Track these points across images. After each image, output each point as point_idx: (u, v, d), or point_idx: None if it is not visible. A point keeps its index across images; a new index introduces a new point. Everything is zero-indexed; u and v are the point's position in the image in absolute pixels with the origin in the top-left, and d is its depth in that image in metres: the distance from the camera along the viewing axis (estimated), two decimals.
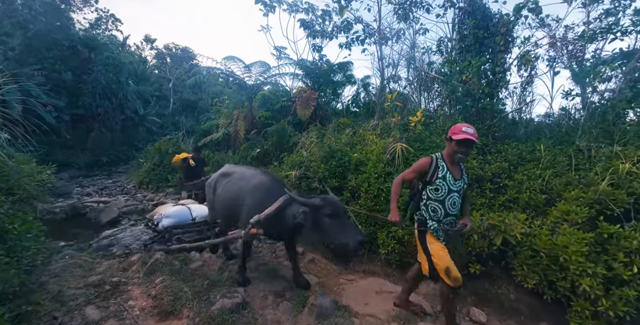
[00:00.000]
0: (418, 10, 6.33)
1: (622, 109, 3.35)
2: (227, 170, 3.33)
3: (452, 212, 2.21)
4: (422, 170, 2.22)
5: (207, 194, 3.46)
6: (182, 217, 4.09)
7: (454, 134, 2.10)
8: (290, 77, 9.95)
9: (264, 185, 2.84)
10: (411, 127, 3.83)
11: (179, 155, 6.13)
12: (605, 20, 4.41)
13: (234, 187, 3.01)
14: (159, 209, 4.35)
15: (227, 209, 3.05)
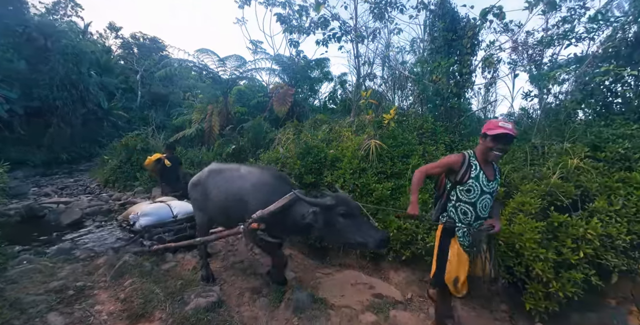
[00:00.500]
0: (393, 10, 6.49)
1: (573, 109, 3.70)
2: (217, 168, 3.05)
3: (483, 215, 2.05)
4: (449, 167, 2.04)
5: (194, 194, 3.12)
6: (161, 215, 3.84)
7: (489, 130, 1.92)
8: (266, 72, 9.82)
9: (266, 182, 2.62)
10: (385, 124, 3.96)
11: (151, 156, 5.55)
12: (562, 27, 4.73)
13: (232, 187, 2.73)
14: (133, 208, 4.07)
15: (225, 211, 2.76)
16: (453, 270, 2.03)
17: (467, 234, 2.06)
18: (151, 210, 3.84)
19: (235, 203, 2.64)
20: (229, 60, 8.52)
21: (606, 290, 2.47)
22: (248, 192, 2.58)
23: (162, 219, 3.82)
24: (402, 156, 3.82)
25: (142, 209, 3.84)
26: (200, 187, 3.00)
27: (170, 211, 3.93)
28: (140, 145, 8.35)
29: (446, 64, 3.98)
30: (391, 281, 3.18)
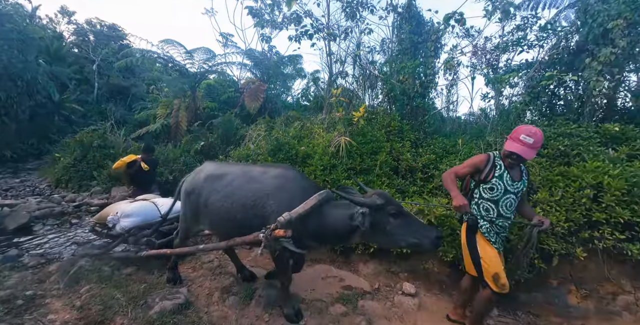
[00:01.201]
0: (364, 10, 6.62)
1: (522, 110, 4.07)
2: (216, 173, 2.58)
3: (506, 214, 2.08)
4: (476, 167, 2.10)
5: (185, 202, 2.69)
6: (147, 215, 3.33)
7: (510, 139, 1.99)
8: (237, 67, 9.55)
9: (289, 182, 2.27)
10: (355, 121, 4.07)
11: (124, 158, 4.72)
12: (516, 35, 5.13)
13: (242, 192, 2.32)
14: (111, 208, 3.59)
15: (231, 220, 2.34)
16: (491, 267, 2.02)
17: (490, 230, 2.10)
18: (134, 209, 3.32)
19: (247, 210, 2.25)
20: (197, 52, 8.16)
21: (548, 272, 2.77)
22: (267, 196, 2.21)
23: (148, 220, 3.31)
24: (371, 153, 3.96)
25: (123, 209, 3.32)
26: (194, 195, 2.57)
27: (157, 210, 3.46)
28: (97, 141, 7.74)
29: (412, 65, 4.17)
30: (360, 273, 3.30)
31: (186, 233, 2.84)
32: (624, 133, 3.36)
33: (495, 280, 2.00)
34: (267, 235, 1.95)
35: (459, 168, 2.17)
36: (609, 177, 2.70)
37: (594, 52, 3.64)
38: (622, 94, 4.24)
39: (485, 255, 2.06)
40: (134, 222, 3.24)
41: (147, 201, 3.61)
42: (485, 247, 2.09)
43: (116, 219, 3.27)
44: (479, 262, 2.08)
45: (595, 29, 3.66)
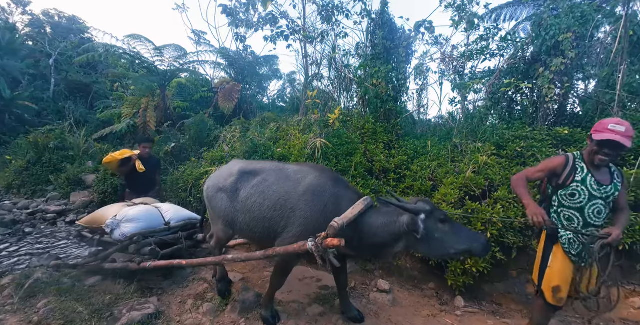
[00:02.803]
0: (340, 14, 6.75)
1: (484, 114, 4.38)
2: (250, 168, 2.41)
3: (595, 223, 1.82)
4: (552, 171, 1.88)
5: (216, 202, 2.46)
6: (151, 222, 3.03)
7: (595, 132, 1.74)
8: (211, 66, 9.28)
9: (323, 185, 2.10)
10: (330, 124, 4.13)
11: (116, 153, 3.92)
12: (480, 44, 5.50)
13: (276, 190, 2.15)
14: (105, 211, 3.22)
15: (265, 223, 2.16)
16: (554, 278, 1.86)
17: (574, 242, 1.85)
18: (138, 214, 3.01)
19: (277, 210, 2.10)
20: (167, 49, 7.80)
21: (509, 264, 2.97)
22: (299, 197, 2.05)
23: (152, 227, 3.02)
24: (346, 154, 4.03)
25: (125, 213, 2.98)
26: (227, 193, 2.36)
27: (161, 217, 3.13)
28: (53, 143, 7.14)
29: (385, 70, 4.32)
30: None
31: (220, 240, 2.58)
32: (573, 136, 3.73)
33: (554, 291, 1.85)
34: (317, 244, 1.73)
35: (531, 172, 1.96)
36: None
37: (547, 62, 4.01)
38: (571, 101, 4.71)
39: (554, 266, 1.88)
40: (137, 229, 2.91)
41: (149, 206, 3.28)
42: (558, 257, 1.89)
43: (115, 223, 2.93)
44: (544, 270, 1.91)
45: (548, 41, 4.03)
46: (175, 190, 4.54)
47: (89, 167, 6.83)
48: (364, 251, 2.09)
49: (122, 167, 3.90)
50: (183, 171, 4.70)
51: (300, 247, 1.84)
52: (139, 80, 7.55)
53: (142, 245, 2.87)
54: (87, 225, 3.23)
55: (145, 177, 3.99)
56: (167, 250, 2.93)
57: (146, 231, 2.95)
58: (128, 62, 8.86)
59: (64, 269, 3.01)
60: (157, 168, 4.28)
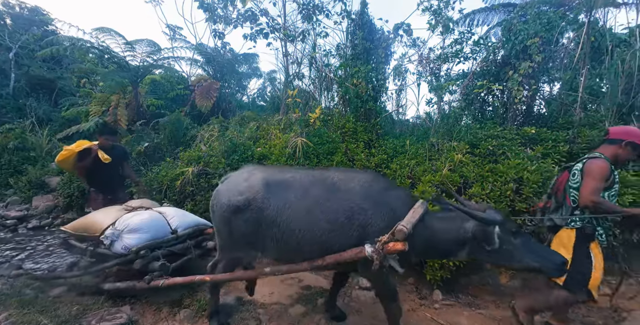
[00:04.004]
0: (320, 14, 6.74)
1: (459, 114, 4.55)
2: (274, 177, 2.05)
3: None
4: (606, 177, 1.97)
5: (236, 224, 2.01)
6: (157, 231, 2.66)
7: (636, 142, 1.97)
8: (187, 63, 8.97)
9: (382, 191, 1.93)
10: (311, 123, 4.12)
11: (71, 146, 3.34)
12: (454, 47, 5.71)
13: (330, 204, 1.87)
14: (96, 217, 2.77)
15: (316, 242, 1.88)
16: (599, 276, 1.96)
17: (604, 234, 2.04)
18: (142, 223, 2.61)
19: (338, 228, 1.83)
20: (139, 44, 7.44)
21: None
22: (364, 209, 1.84)
23: (159, 237, 2.64)
24: (327, 153, 4.04)
25: (126, 222, 2.58)
26: (250, 213, 1.95)
27: (167, 224, 2.77)
28: (13, 142, 6.60)
29: (365, 70, 4.38)
30: (319, 272, 3.34)
31: (233, 264, 2.21)
32: (539, 135, 3.96)
33: (596, 290, 1.97)
34: (378, 249, 1.60)
35: (595, 187, 1.96)
36: (528, 172, 3.15)
37: (516, 65, 4.24)
38: (538, 102, 5.00)
39: (598, 266, 1.98)
40: (142, 240, 2.53)
41: (152, 211, 2.85)
42: (597, 256, 2.00)
43: (115, 234, 2.52)
44: (589, 269, 1.97)
45: (517, 45, 4.26)
46: (149, 191, 4.33)
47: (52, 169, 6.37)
48: (425, 256, 1.99)
49: (81, 162, 3.33)
50: (157, 172, 4.49)
51: (356, 254, 1.70)
52: (109, 76, 7.13)
53: (150, 259, 2.49)
54: (75, 233, 2.79)
55: (112, 170, 3.49)
56: (176, 263, 2.60)
57: (153, 242, 2.57)
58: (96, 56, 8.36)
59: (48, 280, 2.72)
60: (124, 159, 3.75)
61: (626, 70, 3.96)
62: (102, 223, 2.65)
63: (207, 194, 3.74)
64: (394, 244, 1.60)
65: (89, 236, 2.70)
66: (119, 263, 2.56)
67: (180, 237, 2.80)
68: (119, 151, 3.66)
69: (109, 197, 3.53)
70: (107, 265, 2.59)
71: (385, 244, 1.61)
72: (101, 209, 2.99)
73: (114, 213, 2.78)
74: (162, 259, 2.52)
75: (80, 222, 2.82)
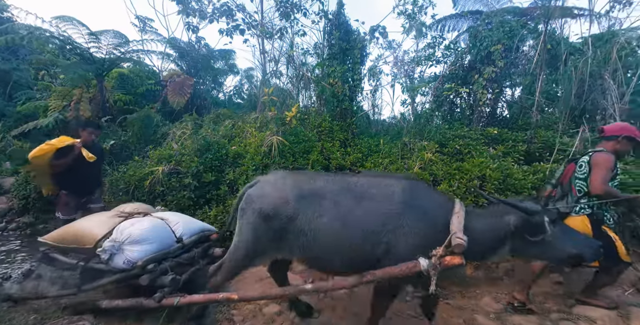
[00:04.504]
0: (298, 12, 6.72)
1: (430, 115, 4.75)
2: (305, 185, 2.00)
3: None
4: (612, 167, 2.23)
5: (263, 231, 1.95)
6: (162, 240, 2.40)
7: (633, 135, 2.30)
8: (159, 57, 8.57)
9: (421, 196, 1.89)
10: (287, 121, 4.11)
11: (52, 141, 3.01)
12: (427, 51, 5.94)
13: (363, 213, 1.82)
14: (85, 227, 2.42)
15: (352, 252, 1.82)
16: (621, 246, 2.30)
17: (611, 218, 2.37)
18: (146, 233, 2.31)
19: (370, 236, 1.78)
20: (104, 35, 6.99)
21: None
22: (398, 217, 1.77)
23: (164, 247, 2.39)
24: (303, 152, 4.06)
25: (128, 232, 2.27)
26: (279, 221, 1.90)
27: (172, 232, 2.52)
28: None
29: (341, 70, 4.45)
30: (295, 270, 3.35)
31: (241, 267, 2.12)
32: (501, 135, 4.24)
33: (626, 253, 2.31)
34: (436, 264, 1.54)
35: (605, 177, 2.20)
36: (490, 170, 3.38)
37: (481, 70, 4.51)
38: (501, 105, 5.35)
39: (617, 238, 2.31)
40: (148, 252, 2.25)
41: (152, 218, 2.57)
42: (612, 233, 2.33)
43: (117, 246, 2.22)
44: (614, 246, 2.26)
45: (482, 51, 4.53)
46: (115, 192, 4.11)
47: (6, 169, 5.85)
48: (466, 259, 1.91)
49: (58, 160, 2.97)
50: (124, 171, 4.27)
51: (410, 269, 1.62)
52: (71, 69, 6.64)
53: (158, 273, 2.23)
54: (58, 244, 2.41)
55: (92, 170, 3.19)
56: (185, 276, 2.37)
57: (159, 254, 2.31)
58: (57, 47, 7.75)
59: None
60: (103, 158, 3.54)
61: (579, 76, 4.35)
62: (94, 233, 2.31)
63: (179, 194, 3.63)
64: (452, 258, 1.55)
65: (79, 249, 2.32)
66: (121, 279, 2.25)
67: (186, 246, 2.56)
68: (99, 149, 3.41)
69: (83, 201, 3.23)
70: (103, 282, 2.26)
71: (442, 257, 1.55)
72: (87, 217, 2.61)
73: (106, 221, 2.44)
74: (170, 272, 2.27)
75: (64, 232, 2.43)
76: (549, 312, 2.70)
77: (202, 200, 3.72)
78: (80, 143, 3.10)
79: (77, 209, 3.17)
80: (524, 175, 3.35)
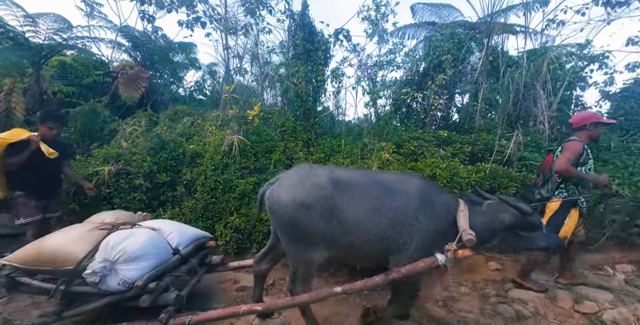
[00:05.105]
0: (263, 9, 6.62)
1: (389, 117, 5.01)
2: (340, 177, 2.04)
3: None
4: (580, 153, 2.64)
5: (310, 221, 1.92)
6: (161, 254, 2.19)
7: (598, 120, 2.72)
8: (109, 46, 7.84)
9: (432, 193, 2.08)
10: (249, 120, 4.05)
11: (2, 135, 2.64)
12: (389, 56, 6.23)
13: (391, 205, 1.96)
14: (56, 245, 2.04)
15: (380, 242, 1.96)
16: (568, 231, 2.71)
17: (584, 201, 2.75)
18: (143, 248, 2.05)
19: (399, 230, 1.95)
20: (43, 18, 6.22)
21: None
22: (414, 211, 1.95)
23: (162, 261, 2.19)
24: (266, 152, 4.04)
25: (119, 247, 1.99)
26: (321, 210, 1.91)
27: (167, 243, 2.32)
28: None
29: (305, 70, 4.49)
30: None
31: (311, 269, 2.07)
32: (450, 138, 4.62)
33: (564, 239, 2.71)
34: (452, 258, 1.76)
35: (569, 159, 2.62)
36: (440, 169, 3.67)
37: (433, 77, 4.86)
38: (451, 110, 5.80)
39: (571, 223, 2.72)
40: (145, 269, 2.03)
41: (144, 229, 2.29)
42: (573, 217, 2.73)
43: (109, 267, 1.94)
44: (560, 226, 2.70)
45: (434, 59, 4.89)
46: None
47: None
48: None
49: (12, 158, 2.59)
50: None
51: (430, 264, 1.80)
52: (1, 55, 5.81)
53: (159, 292, 2.03)
54: (27, 267, 2.03)
55: (53, 168, 2.82)
56: (186, 290, 2.23)
57: (158, 270, 2.10)
58: None
59: None
60: (68, 156, 3.14)
61: (515, 86, 4.90)
62: (74, 251, 1.98)
63: (128, 195, 3.38)
64: (463, 251, 1.80)
65: (56, 271, 1.98)
66: (113, 302, 2.00)
67: (185, 257, 2.40)
68: (62, 145, 3.01)
69: (44, 203, 2.85)
70: (92, 306, 2.00)
71: (455, 252, 1.78)
72: (59, 232, 2.24)
73: (86, 236, 2.10)
74: (171, 288, 2.10)
75: (32, 252, 2.04)
76: (488, 297, 3.02)
77: (156, 202, 3.53)
78: (38, 137, 2.72)
79: (39, 209, 2.78)
80: (469, 174, 3.70)
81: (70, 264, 1.94)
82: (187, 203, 3.42)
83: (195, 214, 3.40)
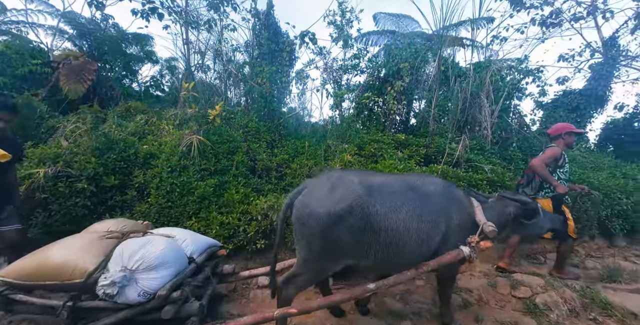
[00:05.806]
0: (228, 6, 6.42)
1: (352, 120, 5.19)
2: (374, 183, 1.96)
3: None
4: (556, 157, 3.07)
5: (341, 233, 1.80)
6: (180, 262, 2.08)
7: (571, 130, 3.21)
8: (49, 33, 7.03)
9: (454, 191, 2.21)
10: (210, 120, 3.91)
11: None
12: (353, 61, 6.41)
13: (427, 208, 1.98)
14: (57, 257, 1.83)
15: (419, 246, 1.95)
16: (573, 224, 3.11)
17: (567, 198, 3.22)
18: (161, 256, 1.92)
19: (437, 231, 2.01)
20: None
21: None
22: (445, 210, 2.04)
23: (182, 269, 2.09)
24: (228, 153, 3.93)
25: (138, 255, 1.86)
26: (356, 219, 1.81)
27: (182, 251, 2.25)
28: None
29: (269, 71, 4.46)
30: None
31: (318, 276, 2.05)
32: (407, 141, 4.93)
33: (574, 231, 3.15)
34: (475, 250, 1.93)
35: (544, 158, 3.07)
36: (397, 170, 3.89)
37: (393, 83, 5.14)
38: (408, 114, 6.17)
39: (570, 216, 3.14)
40: (166, 278, 1.91)
41: (158, 236, 2.18)
42: (567, 213, 3.14)
43: (129, 277, 1.79)
44: (567, 223, 3.01)
45: (394, 67, 5.17)
46: None
47: None
48: None
49: None
50: None
51: (455, 257, 1.93)
52: None
53: (182, 302, 1.92)
54: (24, 282, 1.82)
55: (7, 172, 2.44)
56: (205, 299, 2.13)
57: (178, 279, 1.99)
58: None
59: None
60: (20, 158, 2.78)
61: (463, 95, 5.37)
62: (82, 263, 1.82)
63: (68, 201, 3.02)
64: (484, 242, 1.98)
65: (61, 285, 1.81)
66: (131, 316, 1.84)
67: (200, 266, 2.33)
68: (14, 143, 2.56)
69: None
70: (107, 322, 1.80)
71: (478, 243, 1.96)
72: (58, 243, 2.02)
73: (95, 246, 1.95)
74: (192, 297, 1.99)
75: (32, 265, 1.84)
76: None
77: (102, 208, 3.23)
78: None
79: None
80: None
81: (79, 277, 1.79)
82: (139, 208, 3.19)
83: (148, 219, 3.18)
